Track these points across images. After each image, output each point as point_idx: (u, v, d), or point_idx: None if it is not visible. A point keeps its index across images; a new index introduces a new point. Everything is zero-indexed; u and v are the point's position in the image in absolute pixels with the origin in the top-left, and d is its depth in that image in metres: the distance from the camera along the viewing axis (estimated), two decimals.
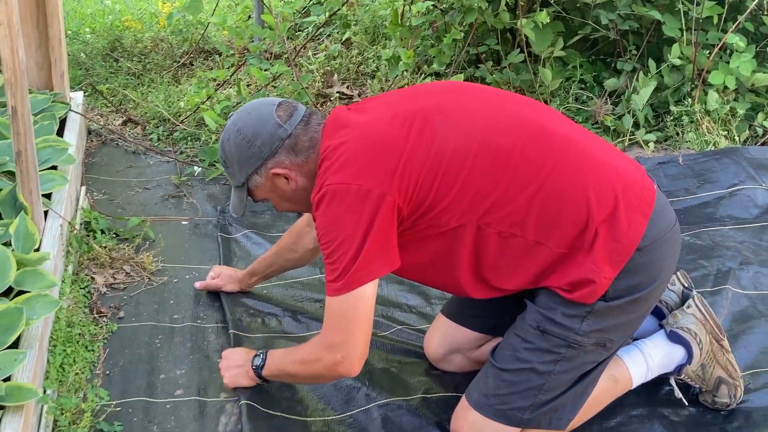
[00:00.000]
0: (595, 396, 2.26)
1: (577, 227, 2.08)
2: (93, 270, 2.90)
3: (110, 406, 2.36)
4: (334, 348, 2.11)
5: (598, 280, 2.09)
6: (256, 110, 2.22)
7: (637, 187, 2.16)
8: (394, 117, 2.13)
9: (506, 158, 2.08)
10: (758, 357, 2.56)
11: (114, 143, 3.85)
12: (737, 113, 3.82)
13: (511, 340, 2.21)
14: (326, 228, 2.07)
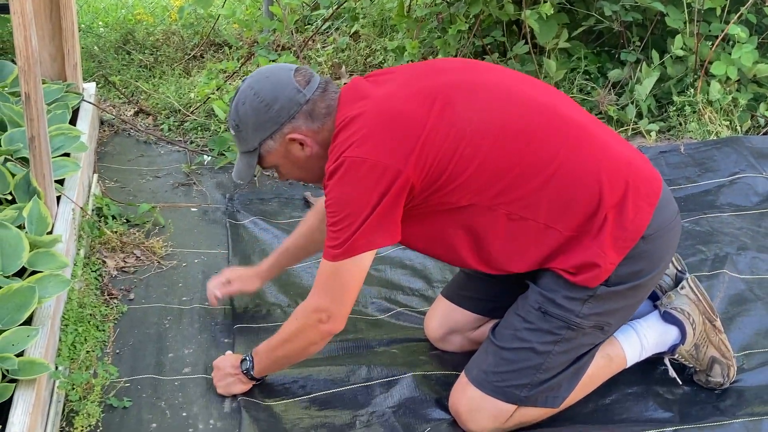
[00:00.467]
0: (590, 375, 2.31)
1: (587, 212, 2.13)
2: (104, 254, 2.98)
3: (120, 383, 2.43)
4: (319, 310, 2.18)
5: (603, 264, 2.14)
6: (274, 74, 2.21)
7: (644, 175, 2.21)
8: (416, 93, 2.14)
9: (524, 141, 2.12)
10: (753, 338, 2.61)
11: (126, 133, 3.93)
12: (739, 103, 3.87)
13: (512, 319, 2.26)
14: (337, 197, 2.11)
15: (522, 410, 2.27)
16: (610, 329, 2.29)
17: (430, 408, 2.38)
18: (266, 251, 3.08)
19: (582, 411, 2.32)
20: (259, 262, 2.78)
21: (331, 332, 2.22)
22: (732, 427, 2.25)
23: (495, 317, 2.53)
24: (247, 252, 3.08)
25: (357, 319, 2.73)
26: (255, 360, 2.36)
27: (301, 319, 2.23)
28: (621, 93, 4.04)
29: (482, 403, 2.25)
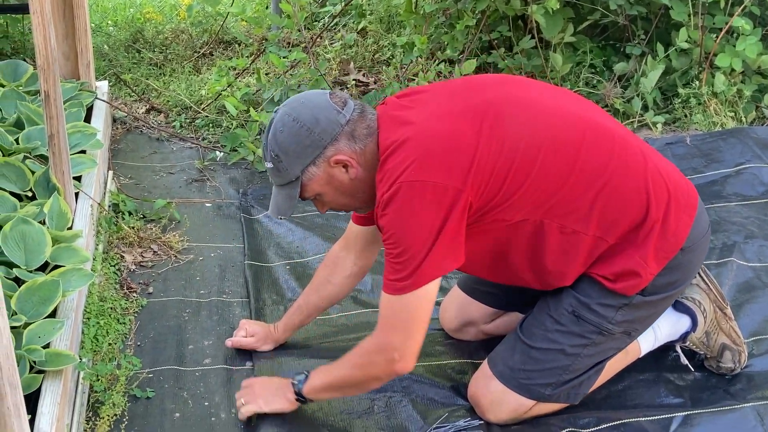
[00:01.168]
0: (606, 366, 2.36)
1: (635, 222, 2.15)
2: (122, 249, 3.03)
3: (143, 374, 2.49)
4: (391, 348, 2.09)
5: (644, 274, 2.17)
6: (310, 99, 2.15)
7: (682, 186, 2.25)
8: (463, 112, 2.10)
9: (573, 156, 2.11)
10: (762, 325, 2.66)
11: (138, 130, 3.97)
12: (744, 95, 3.91)
13: (544, 319, 2.28)
14: (397, 225, 2.03)
15: (541, 404, 2.32)
16: (637, 334, 2.33)
17: (445, 395, 2.43)
18: (281, 245, 3.13)
19: (596, 397, 2.37)
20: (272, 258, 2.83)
21: (401, 372, 2.12)
22: (743, 411, 2.31)
23: (510, 311, 2.59)
24: (262, 246, 3.13)
25: (374, 311, 2.77)
26: (311, 376, 2.26)
27: (369, 355, 2.14)
28: (627, 86, 4.08)
29: (505, 396, 2.30)
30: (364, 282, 2.88)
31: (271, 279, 2.95)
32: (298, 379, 2.27)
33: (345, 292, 2.56)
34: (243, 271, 2.99)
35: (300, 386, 2.26)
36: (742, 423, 2.27)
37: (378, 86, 4.17)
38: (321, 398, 2.29)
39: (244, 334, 2.60)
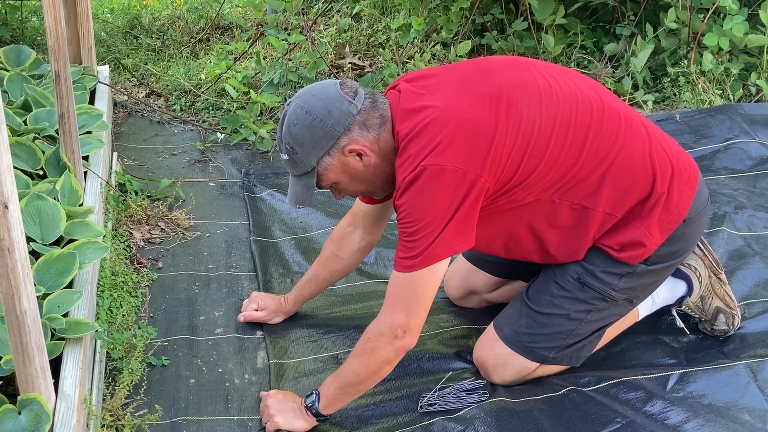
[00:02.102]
0: (606, 331, 2.45)
1: (641, 196, 2.24)
2: (130, 226, 3.10)
3: (157, 343, 2.56)
4: (395, 325, 2.13)
5: (648, 244, 2.26)
6: (321, 91, 2.18)
7: (684, 160, 2.34)
8: (479, 98, 2.14)
9: (583, 136, 2.18)
10: (752, 289, 2.76)
11: (139, 114, 4.04)
12: (731, 73, 4.02)
13: (550, 285, 2.37)
14: (415, 207, 2.08)
15: (544, 366, 2.41)
16: (638, 301, 2.43)
17: (451, 359, 2.53)
18: (285, 221, 3.21)
19: (595, 358, 2.46)
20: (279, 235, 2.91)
21: (407, 347, 2.16)
22: (736, 369, 2.41)
23: (512, 279, 2.67)
24: (266, 223, 3.21)
25: (379, 281, 2.86)
26: (321, 391, 2.26)
27: (374, 338, 2.17)
28: (617, 66, 4.18)
29: (509, 359, 2.39)
30: (369, 255, 2.96)
31: (277, 253, 3.03)
32: (311, 401, 2.26)
33: (352, 266, 2.61)
34: (249, 246, 3.07)
35: (316, 407, 2.25)
36: (735, 379, 2.38)
37: (374, 69, 4.25)
38: (339, 406, 2.27)
39: (256, 307, 2.67)
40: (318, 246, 3.07)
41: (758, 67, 4.08)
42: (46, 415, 1.96)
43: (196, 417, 2.33)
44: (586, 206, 2.22)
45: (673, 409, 2.28)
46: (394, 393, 2.40)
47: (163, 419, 2.30)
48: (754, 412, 2.29)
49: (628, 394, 2.33)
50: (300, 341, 2.61)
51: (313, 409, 2.25)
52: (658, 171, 2.24)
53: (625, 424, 2.23)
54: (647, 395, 2.32)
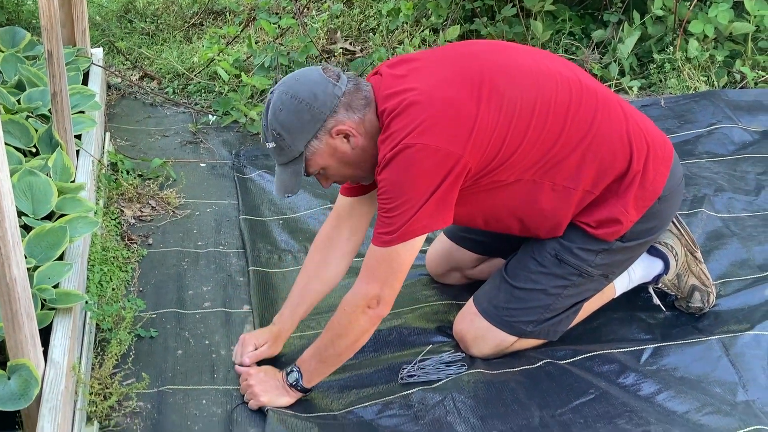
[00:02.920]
0: (583, 307, 2.52)
1: (618, 174, 2.30)
2: (122, 204, 3.16)
3: (146, 316, 2.63)
4: (369, 296, 2.18)
5: (624, 221, 2.33)
6: (304, 76, 2.21)
7: (659, 138, 2.40)
8: (461, 80, 2.18)
9: (562, 117, 2.24)
10: (729, 268, 2.82)
11: (132, 96, 4.10)
12: (716, 60, 4.08)
13: (528, 262, 2.44)
14: (395, 183, 2.11)
15: (522, 340, 2.48)
16: (614, 277, 2.50)
17: (431, 333, 2.59)
18: (273, 201, 3.27)
19: (572, 333, 2.52)
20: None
21: (380, 316, 2.22)
22: (709, 343, 2.48)
23: (493, 257, 2.73)
24: (255, 203, 3.27)
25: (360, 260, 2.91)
26: (302, 367, 2.29)
27: (349, 307, 2.21)
28: (604, 52, 4.24)
29: (488, 332, 2.46)
30: None
31: (266, 232, 3.09)
32: (294, 378, 2.29)
33: (342, 272, 2.52)
34: (238, 224, 3.13)
35: (299, 382, 2.29)
36: (708, 353, 2.44)
37: (364, 54, 4.30)
38: (320, 378, 2.31)
39: (254, 348, 2.46)
40: (305, 227, 3.14)
41: (743, 54, 4.14)
42: (35, 380, 2.02)
43: (182, 386, 2.40)
44: (566, 185, 2.28)
45: (646, 381, 2.34)
46: (375, 365, 2.46)
47: (150, 388, 2.36)
48: (725, 384, 2.35)
49: (603, 366, 2.40)
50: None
51: (298, 386, 2.29)
52: (634, 149, 2.31)
53: (599, 395, 2.30)
54: (621, 368, 2.39)
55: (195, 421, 2.29)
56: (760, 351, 2.43)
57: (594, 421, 2.21)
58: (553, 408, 2.26)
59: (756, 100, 3.83)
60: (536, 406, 2.27)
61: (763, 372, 2.38)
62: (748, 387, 2.34)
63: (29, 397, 1.99)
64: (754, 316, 2.57)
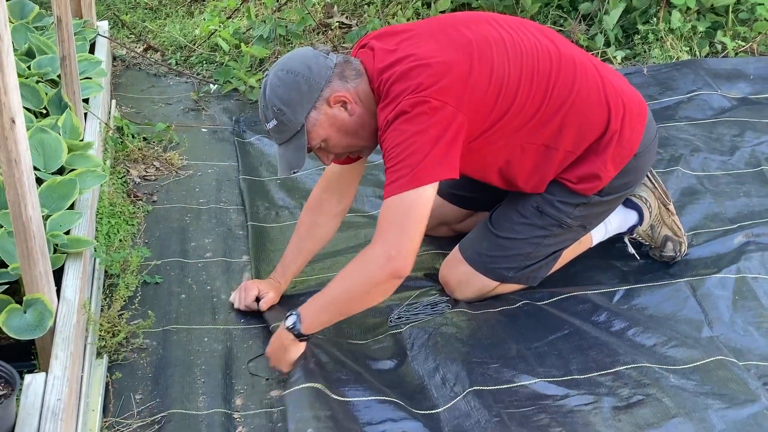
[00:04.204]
0: (562, 255, 2.69)
1: (598, 133, 2.46)
2: (128, 165, 3.33)
3: (151, 264, 2.80)
4: (388, 245, 2.16)
5: (603, 177, 2.50)
6: (296, 52, 2.34)
7: (634, 98, 2.57)
8: (455, 47, 2.29)
9: (545, 83, 2.38)
10: (701, 221, 2.99)
11: (137, 67, 4.27)
12: (698, 31, 4.23)
13: (511, 213, 2.60)
14: (400, 137, 2.20)
15: (503, 285, 2.65)
16: (591, 228, 2.67)
17: (418, 280, 2.75)
18: (271, 163, 3.44)
19: (550, 279, 2.68)
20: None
21: (400, 271, 2.17)
22: (677, 285, 2.65)
23: (479, 211, 2.89)
24: (254, 164, 3.44)
25: (355, 215, 3.09)
26: (303, 314, 2.28)
27: (367, 258, 2.20)
28: (591, 24, 4.39)
29: (472, 278, 2.62)
30: None
31: (264, 190, 3.26)
32: (291, 322, 2.29)
33: (332, 231, 2.66)
34: (238, 184, 3.30)
35: (296, 326, 2.28)
36: (676, 294, 2.62)
37: (359, 27, 4.45)
38: (320, 326, 2.31)
39: (257, 292, 2.61)
40: (301, 185, 3.30)
41: (724, 25, 4.29)
42: (49, 312, 2.19)
43: (186, 326, 2.57)
44: (549, 146, 2.44)
45: (617, 319, 2.51)
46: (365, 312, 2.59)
47: (155, 327, 2.53)
48: (691, 322, 2.52)
49: (577, 306, 2.56)
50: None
51: (295, 330, 2.28)
52: (612, 110, 2.46)
53: (573, 331, 2.46)
54: (594, 307, 2.56)
55: (197, 356, 2.46)
56: (725, 292, 2.60)
57: (567, 353, 2.38)
58: (530, 342, 2.43)
59: (735, 69, 3.99)
60: (514, 340, 2.44)
61: (728, 311, 2.54)
62: (713, 324, 2.51)
63: (44, 327, 2.16)
64: (721, 262, 2.74)
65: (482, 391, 2.26)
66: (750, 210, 3.03)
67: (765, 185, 3.18)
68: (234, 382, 2.38)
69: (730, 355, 2.37)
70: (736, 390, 2.24)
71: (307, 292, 2.67)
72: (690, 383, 2.26)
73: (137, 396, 2.32)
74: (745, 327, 2.50)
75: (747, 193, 3.14)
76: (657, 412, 2.18)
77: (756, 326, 2.50)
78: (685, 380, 2.27)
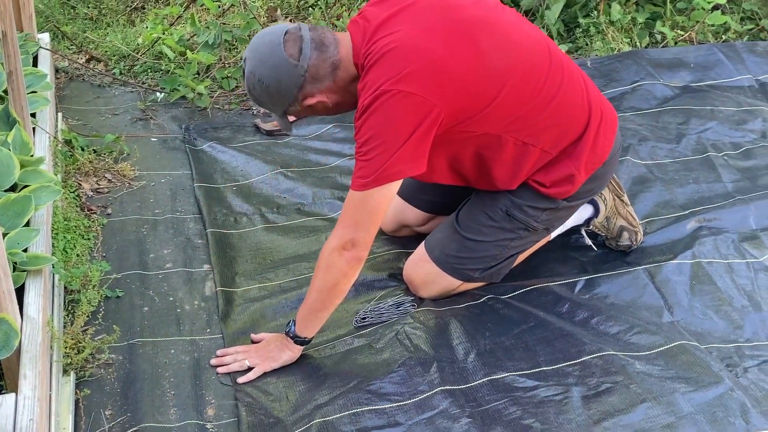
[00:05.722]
0: None
1: (575, 137, 2.49)
2: (79, 178, 3.29)
3: (111, 278, 2.77)
4: (344, 239, 2.28)
5: (576, 182, 2.53)
6: (268, 56, 2.30)
7: (608, 106, 2.61)
8: (440, 30, 2.27)
9: (536, 78, 2.37)
10: (653, 209, 3.06)
11: (80, 79, 4.20)
12: (638, 22, 4.32)
13: (479, 216, 2.62)
14: (371, 129, 2.21)
15: (467, 283, 2.68)
16: (554, 230, 2.72)
17: (382, 280, 2.78)
18: (225, 169, 3.43)
19: (512, 272, 2.72)
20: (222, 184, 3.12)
21: (357, 257, 2.29)
22: (636, 273, 2.71)
23: (441, 215, 2.90)
24: (208, 171, 3.42)
25: (315, 218, 3.09)
26: (297, 318, 2.42)
27: (326, 251, 2.31)
28: (533, 19, 4.45)
29: (437, 277, 2.65)
30: (306, 195, 3.21)
31: (220, 197, 3.25)
32: (289, 327, 2.42)
33: None
34: (193, 192, 3.28)
35: (293, 330, 2.41)
36: (635, 282, 2.67)
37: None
38: (315, 327, 2.42)
39: None
40: (258, 191, 3.29)
41: (663, 15, 4.39)
42: (15, 332, 2.15)
43: (151, 338, 2.55)
44: (527, 143, 2.44)
45: (580, 309, 2.56)
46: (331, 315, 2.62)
47: (120, 341, 2.51)
48: (652, 308, 2.58)
49: (540, 298, 2.61)
50: (246, 273, 2.83)
51: (291, 333, 2.41)
52: (592, 115, 2.50)
53: (537, 323, 2.50)
54: (557, 298, 2.60)
55: (165, 368, 2.45)
56: (682, 277, 2.67)
57: (534, 345, 2.42)
58: (497, 336, 2.46)
59: (676, 58, 4.08)
60: (481, 335, 2.47)
61: (686, 295, 2.61)
62: (672, 309, 2.57)
63: (11, 348, 2.12)
64: (676, 248, 2.81)
65: (453, 390, 2.28)
66: (700, 196, 3.11)
67: (712, 171, 3.26)
68: (204, 393, 2.37)
69: (691, 339, 2.43)
70: (701, 373, 2.29)
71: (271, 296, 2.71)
72: (655, 369, 2.32)
73: (107, 412, 2.29)
74: (704, 311, 2.56)
75: (696, 179, 3.22)
76: (626, 398, 2.23)
77: (714, 309, 2.57)
78: (651, 366, 2.33)
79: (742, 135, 3.52)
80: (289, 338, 2.43)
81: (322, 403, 2.29)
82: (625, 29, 4.31)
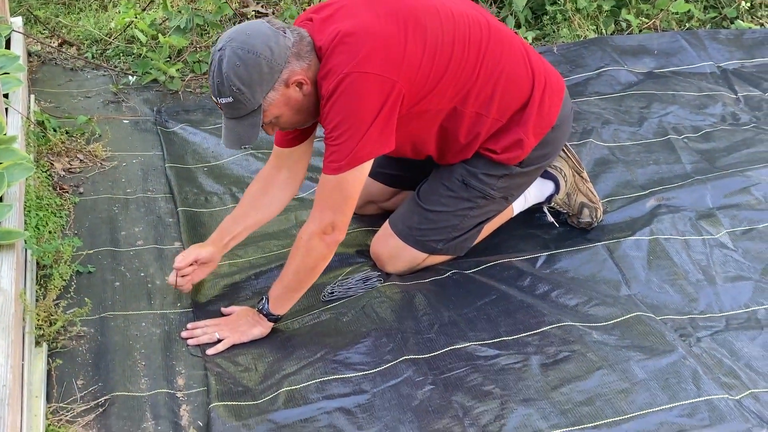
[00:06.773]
0: (486, 226, 2.81)
1: (521, 104, 2.59)
2: (51, 158, 3.33)
3: (82, 254, 2.81)
4: (323, 223, 2.36)
5: (525, 146, 2.62)
6: (255, 30, 2.31)
7: (553, 74, 2.71)
8: (387, 16, 2.37)
9: (477, 50, 2.50)
10: (614, 189, 3.15)
11: (53, 62, 4.23)
12: (603, 9, 4.40)
13: (438, 187, 2.71)
14: (339, 113, 2.29)
15: (433, 257, 2.75)
16: (513, 199, 2.80)
17: (350, 257, 2.84)
18: (197, 151, 3.48)
19: (476, 249, 2.80)
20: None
21: (336, 241, 2.40)
22: (595, 248, 2.80)
23: (405, 189, 2.99)
24: (180, 152, 3.47)
25: None
26: (270, 296, 2.48)
27: (307, 238, 2.39)
28: (501, 6, 4.52)
29: (402, 251, 2.72)
30: None
31: (192, 177, 3.30)
32: (262, 305, 2.48)
33: (280, 203, 2.72)
34: (164, 172, 3.32)
35: (266, 308, 2.47)
36: (595, 256, 2.76)
37: (276, 15, 4.50)
38: (288, 305, 2.49)
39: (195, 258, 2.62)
40: (230, 172, 3.35)
41: (628, 3, 4.48)
42: None
43: (122, 312, 2.60)
44: (480, 113, 2.55)
45: (540, 283, 2.64)
46: None
47: (92, 315, 2.56)
48: (610, 282, 2.67)
49: (503, 273, 2.69)
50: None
51: (264, 310, 2.47)
52: (535, 82, 2.61)
53: (500, 296, 2.58)
54: (519, 273, 2.68)
55: (136, 340, 2.50)
56: (640, 252, 2.76)
57: (496, 317, 2.50)
58: (460, 308, 2.54)
59: (640, 45, 4.17)
60: (445, 307, 2.54)
61: (643, 270, 2.70)
62: (630, 283, 2.66)
63: None
64: (635, 225, 2.90)
65: (417, 359, 2.35)
66: (659, 176, 3.20)
67: (672, 153, 3.35)
68: (174, 364, 2.43)
69: (647, 311, 2.52)
70: (655, 342, 2.38)
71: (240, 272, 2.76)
72: (612, 338, 2.40)
73: (79, 381, 2.34)
74: (660, 284, 2.65)
75: (656, 160, 3.31)
76: (582, 366, 2.31)
77: (670, 283, 2.66)
78: (607, 336, 2.41)
79: (703, 119, 3.62)
80: (262, 315, 2.49)
81: (289, 372, 2.35)
82: (591, 17, 4.40)
